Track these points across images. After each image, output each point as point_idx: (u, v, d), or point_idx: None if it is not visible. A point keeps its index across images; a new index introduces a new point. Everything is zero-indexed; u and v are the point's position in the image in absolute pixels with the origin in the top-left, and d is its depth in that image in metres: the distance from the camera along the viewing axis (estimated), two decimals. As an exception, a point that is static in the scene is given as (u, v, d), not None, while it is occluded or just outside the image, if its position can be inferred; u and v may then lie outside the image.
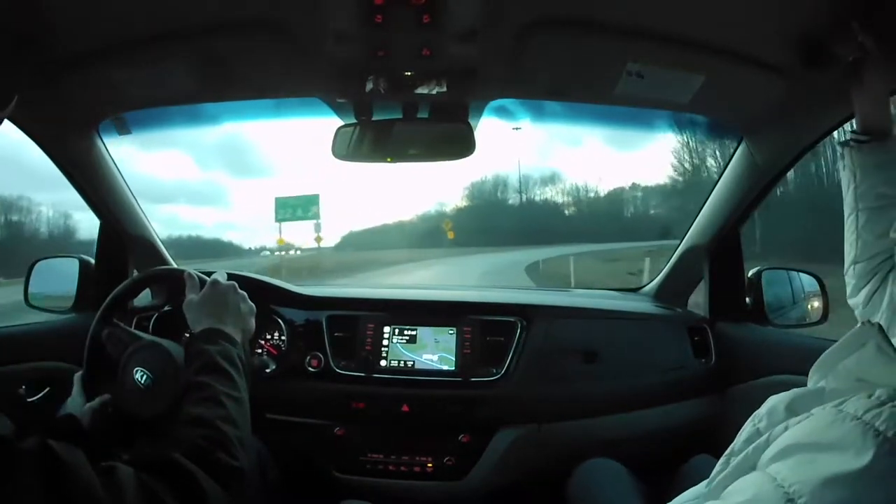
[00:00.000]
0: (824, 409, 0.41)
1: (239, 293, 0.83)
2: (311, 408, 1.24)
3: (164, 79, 0.98)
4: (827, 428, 0.39)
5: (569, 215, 17.04)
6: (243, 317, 0.81)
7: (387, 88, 0.99)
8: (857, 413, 0.38)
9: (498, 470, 1.21)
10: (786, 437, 0.41)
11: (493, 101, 1.08)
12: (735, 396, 1.23)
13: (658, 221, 13.28)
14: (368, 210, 57.17)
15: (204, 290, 0.81)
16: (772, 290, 1.29)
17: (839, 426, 0.38)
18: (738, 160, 1.18)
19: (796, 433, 0.41)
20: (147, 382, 0.83)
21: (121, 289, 0.97)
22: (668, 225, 12.41)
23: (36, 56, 0.86)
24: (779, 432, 0.43)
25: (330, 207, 44.83)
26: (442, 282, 11.54)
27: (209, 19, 0.83)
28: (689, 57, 0.88)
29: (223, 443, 0.60)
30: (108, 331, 0.91)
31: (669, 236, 7.78)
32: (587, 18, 0.82)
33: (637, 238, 14.60)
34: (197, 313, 0.80)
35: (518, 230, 13.38)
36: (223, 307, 0.79)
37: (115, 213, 1.30)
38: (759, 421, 0.48)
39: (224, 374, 0.69)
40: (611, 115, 1.24)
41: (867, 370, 0.43)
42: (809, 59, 0.82)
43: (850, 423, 0.38)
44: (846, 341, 0.47)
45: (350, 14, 0.79)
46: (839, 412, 0.39)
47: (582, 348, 1.25)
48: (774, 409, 0.48)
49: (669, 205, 10.98)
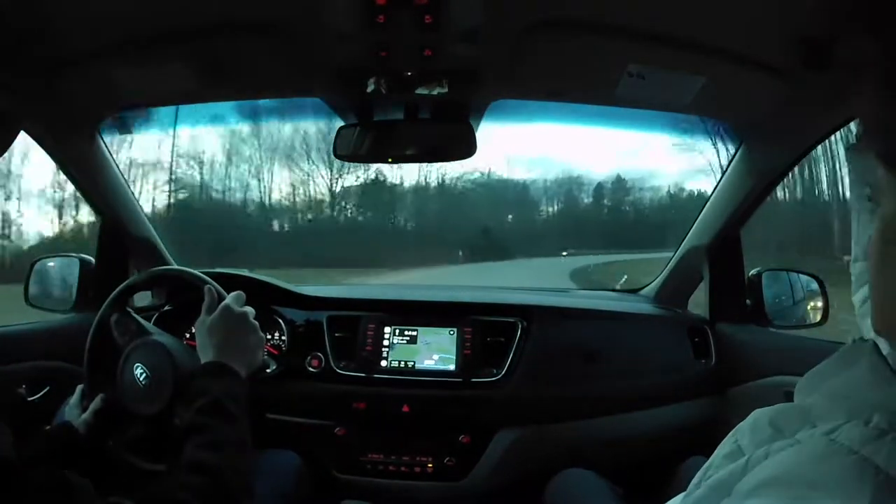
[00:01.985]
0: (813, 437, 0.35)
1: (250, 324, 0.81)
2: (311, 408, 1.24)
3: (164, 79, 0.98)
4: (817, 462, 0.32)
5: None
6: (251, 350, 0.80)
7: (388, 89, 0.99)
8: (853, 446, 0.32)
9: (498, 470, 1.21)
10: (766, 468, 0.35)
11: (494, 102, 1.08)
12: (735, 397, 1.23)
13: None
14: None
15: (215, 316, 0.79)
16: (772, 291, 1.29)
17: (831, 461, 0.32)
18: (739, 161, 1.19)
19: (779, 465, 0.34)
20: (145, 381, 0.83)
21: (137, 278, 0.97)
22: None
23: (36, 56, 0.86)
24: (759, 458, 0.36)
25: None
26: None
27: (210, 19, 0.83)
28: (690, 58, 0.88)
29: (226, 494, 0.61)
30: (117, 316, 0.91)
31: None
32: (588, 19, 0.82)
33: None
34: (206, 339, 0.78)
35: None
36: (232, 339, 0.78)
37: (115, 213, 1.30)
38: (741, 436, 0.42)
39: (227, 417, 0.68)
40: (611, 117, 1.24)
41: (858, 391, 0.37)
42: (810, 60, 0.82)
43: (845, 458, 0.31)
44: (836, 359, 0.41)
45: (352, 14, 0.79)
46: (831, 442, 0.33)
47: (583, 349, 1.25)
48: (757, 425, 0.41)
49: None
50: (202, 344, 0.79)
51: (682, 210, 8.49)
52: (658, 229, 8.48)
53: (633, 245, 8.86)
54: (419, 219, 10.36)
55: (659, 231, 8.14)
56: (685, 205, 8.44)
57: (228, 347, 0.77)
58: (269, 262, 5.92)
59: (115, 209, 1.29)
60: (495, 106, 1.09)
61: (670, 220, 8.51)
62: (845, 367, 0.40)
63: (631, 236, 9.87)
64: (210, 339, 0.78)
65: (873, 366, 0.38)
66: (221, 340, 0.77)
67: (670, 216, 8.92)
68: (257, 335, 0.81)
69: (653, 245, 6.98)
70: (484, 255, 9.31)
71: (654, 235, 8.08)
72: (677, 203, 8.79)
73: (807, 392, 0.42)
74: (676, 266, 1.44)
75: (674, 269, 1.45)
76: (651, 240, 7.93)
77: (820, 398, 0.40)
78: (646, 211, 10.11)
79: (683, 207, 8.66)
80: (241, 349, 0.78)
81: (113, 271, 1.31)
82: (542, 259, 9.14)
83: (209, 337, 0.78)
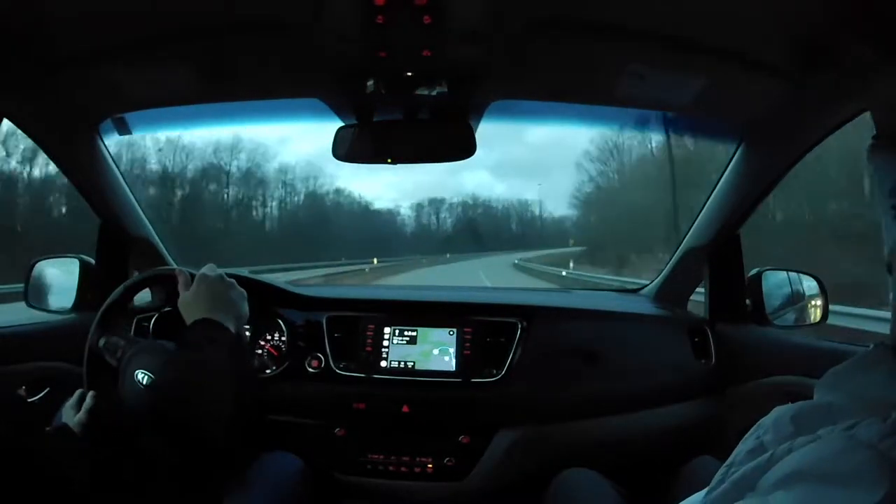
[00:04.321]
0: (833, 433, 0.37)
1: (227, 281, 0.84)
2: (311, 409, 1.24)
3: (164, 79, 0.98)
4: (837, 457, 0.35)
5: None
6: (234, 303, 0.83)
7: (387, 89, 0.99)
8: (872, 441, 0.34)
9: (498, 471, 1.21)
10: (790, 463, 0.37)
11: (493, 102, 1.08)
12: (735, 397, 1.23)
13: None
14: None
15: (192, 287, 0.83)
16: (772, 290, 1.29)
17: (850, 455, 0.34)
18: (739, 161, 1.18)
19: (802, 459, 0.37)
20: (148, 382, 0.83)
21: (114, 296, 0.98)
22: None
23: (36, 56, 0.86)
24: (782, 453, 0.39)
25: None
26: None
27: (209, 19, 0.83)
28: (691, 58, 0.88)
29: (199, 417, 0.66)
30: (104, 340, 0.92)
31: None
32: (588, 19, 0.82)
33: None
34: (189, 309, 0.81)
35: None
36: (213, 299, 0.81)
37: (115, 213, 1.30)
38: (764, 432, 0.44)
39: (208, 350, 0.73)
40: (611, 117, 1.24)
41: (878, 392, 0.40)
42: (811, 60, 0.82)
43: (863, 453, 0.34)
44: (857, 361, 0.43)
45: (351, 14, 0.79)
46: (850, 438, 0.36)
47: (582, 349, 1.25)
48: (780, 421, 0.43)
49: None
50: (188, 315, 0.81)
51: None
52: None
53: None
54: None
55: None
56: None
57: (211, 305, 0.80)
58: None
59: (114, 209, 1.29)
60: (495, 106, 1.09)
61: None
62: (867, 369, 0.42)
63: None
64: (193, 306, 0.81)
65: (893, 371, 0.40)
66: (204, 301, 0.80)
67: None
68: (237, 289, 0.85)
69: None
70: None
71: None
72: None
73: (827, 390, 0.45)
74: (676, 266, 1.44)
75: (673, 268, 1.45)
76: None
77: (841, 397, 0.42)
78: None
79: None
80: (225, 303, 0.81)
81: (113, 272, 1.31)
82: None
83: (192, 304, 0.81)
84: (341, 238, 16.11)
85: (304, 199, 16.76)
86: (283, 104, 1.16)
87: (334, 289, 1.57)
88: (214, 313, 0.79)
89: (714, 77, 0.93)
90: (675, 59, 0.89)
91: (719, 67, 0.90)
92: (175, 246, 1.43)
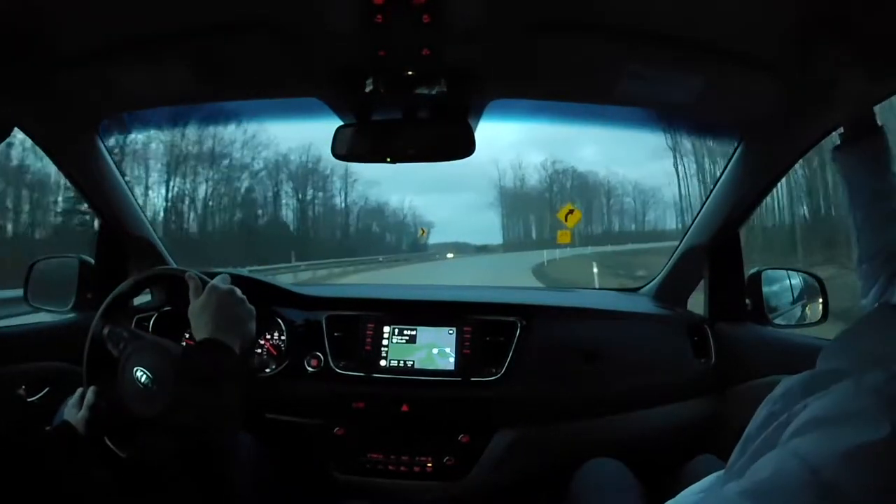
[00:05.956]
0: (843, 384, 0.41)
1: (237, 297, 0.83)
2: (310, 408, 1.24)
3: (164, 79, 0.98)
4: (847, 401, 0.39)
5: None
6: (242, 323, 0.81)
7: (387, 88, 0.99)
8: (877, 385, 0.39)
9: (498, 470, 1.21)
10: (806, 414, 0.41)
11: (493, 101, 1.08)
12: (735, 396, 1.23)
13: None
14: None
15: (202, 297, 0.81)
16: (771, 290, 1.29)
17: (858, 399, 0.39)
18: (738, 161, 1.18)
19: (816, 409, 0.41)
20: (147, 382, 0.83)
21: (122, 287, 0.97)
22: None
23: (36, 56, 0.86)
24: (798, 410, 0.43)
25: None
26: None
27: (209, 19, 0.83)
28: (690, 58, 0.88)
29: (205, 453, 0.62)
30: (108, 329, 0.92)
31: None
32: (588, 19, 0.82)
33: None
34: (198, 319, 0.80)
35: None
36: (222, 314, 0.79)
37: (115, 213, 1.30)
38: (774, 403, 0.48)
39: (214, 388, 0.70)
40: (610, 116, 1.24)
41: (884, 348, 0.45)
42: (807, 60, 0.82)
43: (870, 396, 0.38)
44: (862, 324, 0.48)
45: (350, 14, 0.79)
46: (858, 385, 0.40)
47: (582, 348, 1.25)
48: (790, 391, 0.48)
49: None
50: (196, 326, 0.80)
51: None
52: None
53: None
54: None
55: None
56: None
57: (220, 322, 0.78)
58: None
59: (114, 209, 1.30)
60: (494, 106, 1.09)
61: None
62: (873, 328, 0.47)
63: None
64: (201, 318, 0.79)
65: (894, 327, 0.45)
66: (212, 317, 0.79)
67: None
68: (246, 307, 0.83)
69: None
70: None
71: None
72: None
73: (833, 355, 0.50)
74: (676, 265, 1.44)
75: (673, 268, 1.45)
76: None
77: (846, 361, 0.47)
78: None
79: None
80: (232, 322, 0.80)
81: (113, 271, 1.32)
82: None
83: (200, 317, 0.79)
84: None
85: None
86: (282, 103, 1.16)
87: (334, 288, 1.57)
88: (221, 332, 0.77)
89: (713, 77, 0.93)
90: (674, 58, 0.89)
91: (718, 67, 0.90)
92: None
